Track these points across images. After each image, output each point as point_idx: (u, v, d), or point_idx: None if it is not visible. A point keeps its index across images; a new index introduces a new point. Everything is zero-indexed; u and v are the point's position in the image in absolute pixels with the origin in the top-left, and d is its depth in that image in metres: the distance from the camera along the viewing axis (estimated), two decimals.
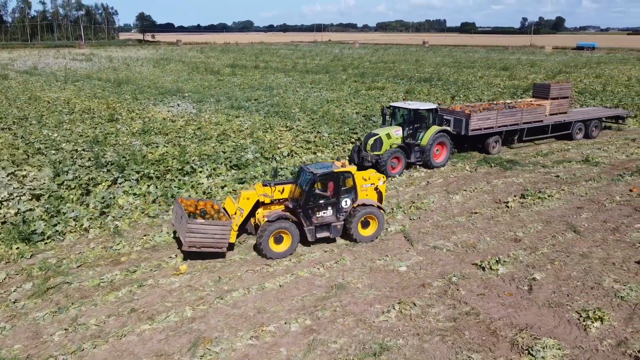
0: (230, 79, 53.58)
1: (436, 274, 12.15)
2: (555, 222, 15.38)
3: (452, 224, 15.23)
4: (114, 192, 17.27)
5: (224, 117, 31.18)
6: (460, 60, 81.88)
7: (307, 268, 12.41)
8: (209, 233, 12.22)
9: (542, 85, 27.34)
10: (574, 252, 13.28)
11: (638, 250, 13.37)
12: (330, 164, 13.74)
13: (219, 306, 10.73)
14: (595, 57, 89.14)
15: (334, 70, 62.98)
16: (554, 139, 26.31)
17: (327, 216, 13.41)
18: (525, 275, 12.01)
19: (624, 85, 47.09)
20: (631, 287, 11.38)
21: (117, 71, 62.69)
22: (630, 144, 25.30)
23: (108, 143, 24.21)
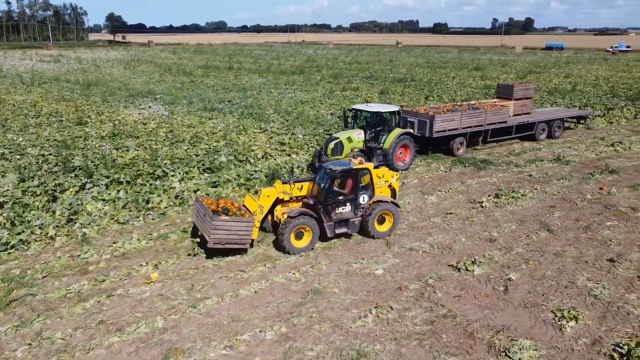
0: (203, 80, 52.90)
1: (412, 277, 12.06)
2: (529, 221, 15.50)
3: (427, 225, 15.20)
4: (82, 198, 16.72)
5: (197, 119, 30.68)
6: (433, 61, 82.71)
7: (282, 273, 12.18)
8: (234, 230, 12.43)
9: (506, 86, 27.36)
10: (548, 251, 13.37)
11: (609, 248, 13.55)
12: (349, 161, 14.02)
13: (191, 315, 10.41)
14: (564, 57, 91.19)
15: (309, 71, 62.83)
16: (518, 139, 26.46)
17: (346, 212, 13.71)
18: (500, 276, 12.02)
19: (592, 84, 48.19)
20: (604, 286, 11.49)
21: (86, 73, 61.27)
22: (599, 142, 25.79)
23: (76, 147, 23.52)
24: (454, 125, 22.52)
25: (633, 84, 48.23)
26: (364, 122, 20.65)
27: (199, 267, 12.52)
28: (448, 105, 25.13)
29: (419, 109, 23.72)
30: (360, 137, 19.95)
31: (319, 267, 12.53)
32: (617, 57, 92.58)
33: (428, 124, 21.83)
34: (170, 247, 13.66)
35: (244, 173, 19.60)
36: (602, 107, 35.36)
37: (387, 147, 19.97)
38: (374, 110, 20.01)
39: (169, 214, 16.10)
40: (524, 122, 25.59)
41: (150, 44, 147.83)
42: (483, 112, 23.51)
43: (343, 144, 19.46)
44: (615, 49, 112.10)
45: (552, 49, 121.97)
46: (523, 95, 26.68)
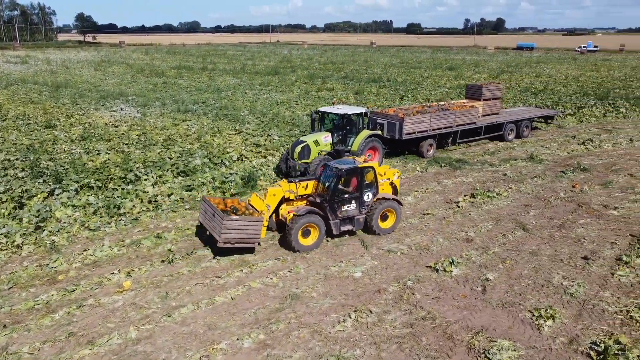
0: (176, 82, 52.14)
1: (391, 279, 11.99)
2: (505, 220, 15.61)
3: (405, 226, 15.16)
4: (50, 204, 16.19)
5: (170, 121, 30.16)
6: (408, 61, 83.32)
7: (259, 278, 11.96)
8: (243, 229, 12.46)
9: (475, 87, 27.22)
10: (524, 250, 13.47)
11: (583, 246, 13.72)
12: (353, 160, 14.30)
13: (166, 324, 10.12)
14: (534, 57, 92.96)
15: (284, 72, 62.56)
16: (487, 140, 26.39)
17: (351, 210, 13.92)
18: (478, 276, 12.05)
19: (562, 84, 49.17)
20: (579, 283, 11.61)
21: (55, 74, 59.73)
22: (571, 140, 26.25)
23: (44, 151, 22.83)
24: (424, 126, 22.40)
25: (601, 83, 49.41)
26: (331, 124, 20.12)
27: (174, 274, 12.21)
28: (417, 107, 24.93)
29: (389, 111, 23.43)
30: (328, 140, 19.56)
31: (297, 271, 12.36)
32: (585, 57, 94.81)
33: (397, 125, 21.63)
34: (144, 254, 13.30)
35: (219, 176, 19.28)
36: (573, 105, 36.07)
37: (355, 150, 19.57)
38: (341, 113, 19.53)
39: (142, 219, 15.69)
40: (493, 123, 25.56)
41: (122, 44, 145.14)
42: (452, 113, 23.41)
43: (310, 147, 19.03)
44: (583, 49, 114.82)
45: (523, 49, 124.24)
46: (492, 96, 26.62)
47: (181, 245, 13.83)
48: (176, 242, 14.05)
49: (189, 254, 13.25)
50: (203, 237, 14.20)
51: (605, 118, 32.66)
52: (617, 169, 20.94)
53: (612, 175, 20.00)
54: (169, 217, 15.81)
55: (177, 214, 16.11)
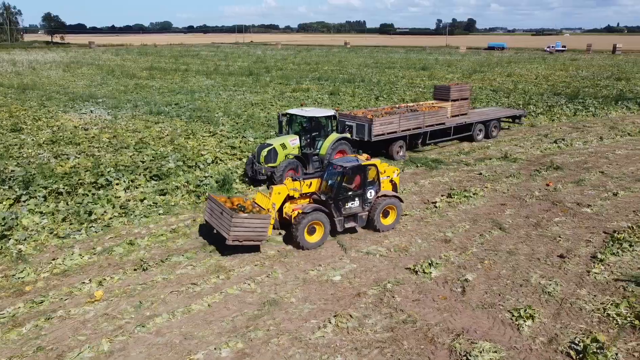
0: (148, 83, 51.21)
1: (371, 282, 11.86)
2: (482, 220, 15.68)
3: None
4: (17, 211, 15.57)
5: (142, 123, 29.53)
6: (382, 61, 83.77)
7: (237, 284, 11.68)
8: (251, 227, 12.60)
9: (443, 87, 27.10)
10: (502, 250, 13.53)
11: (559, 244, 13.86)
12: (355, 158, 14.62)
13: (140, 335, 9.76)
14: (505, 57, 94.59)
15: (258, 72, 62.12)
16: (457, 140, 26.30)
17: (355, 207, 14.18)
18: (457, 277, 12.02)
19: (533, 83, 50.05)
20: (556, 282, 11.70)
21: (21, 76, 58.00)
22: (543, 139, 26.66)
23: (10, 156, 22.04)
24: (393, 128, 22.26)
25: (570, 82, 50.51)
26: (299, 127, 19.62)
27: (147, 282, 11.83)
28: (386, 108, 24.77)
29: (357, 112, 23.15)
30: (295, 143, 19.01)
31: (275, 276, 12.13)
32: (554, 57, 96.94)
33: (366, 127, 21.41)
34: (116, 262, 12.87)
35: (193, 179, 18.90)
36: (544, 105, 36.70)
37: (323, 153, 19.05)
38: (309, 115, 18.87)
39: (113, 225, 15.21)
40: (462, 123, 25.61)
41: (92, 45, 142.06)
42: (421, 114, 23.32)
43: (277, 150, 18.45)
44: (552, 49, 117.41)
45: (494, 49, 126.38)
46: (459, 96, 26.61)
47: (155, 252, 13.44)
48: (150, 248, 13.65)
49: (163, 260, 12.87)
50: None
51: (575, 117, 33.32)
52: (588, 167, 21.32)
53: (584, 173, 20.35)
54: (142, 223, 15.38)
55: (150, 219, 15.68)
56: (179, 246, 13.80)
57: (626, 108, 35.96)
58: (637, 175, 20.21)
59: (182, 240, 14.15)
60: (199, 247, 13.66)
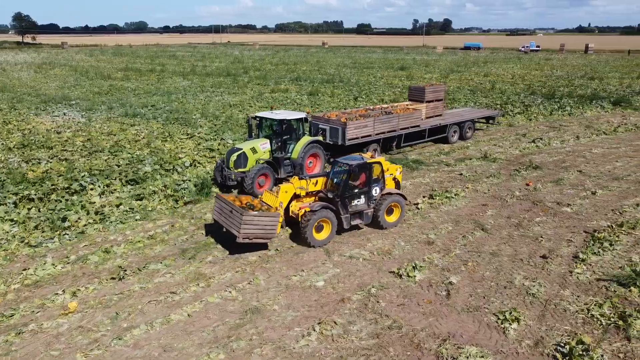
0: (123, 84, 50.23)
1: (355, 286, 11.67)
2: (464, 221, 15.63)
3: (365, 230, 14.89)
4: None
5: (118, 126, 28.86)
6: (360, 61, 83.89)
7: (217, 292, 11.36)
8: (261, 224, 12.80)
9: (417, 89, 26.64)
10: (485, 251, 13.48)
11: (541, 245, 13.88)
12: (360, 156, 14.89)
13: (117, 348, 9.38)
14: (481, 57, 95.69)
15: (236, 73, 61.51)
16: (431, 142, 25.92)
17: (361, 204, 14.37)
18: (442, 280, 11.90)
19: (510, 83, 50.63)
20: (540, 283, 11.67)
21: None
22: (522, 139, 26.88)
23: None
24: (367, 131, 21.70)
25: (546, 82, 51.25)
26: (269, 130, 19.03)
27: (124, 291, 11.42)
28: (360, 110, 24.22)
29: (331, 115, 22.33)
30: (266, 147, 18.40)
31: (257, 282, 11.84)
32: (529, 56, 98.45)
33: (340, 131, 20.77)
34: (91, 271, 12.41)
35: (171, 183, 18.46)
36: (521, 104, 37.09)
37: (295, 157, 18.56)
38: (280, 118, 18.20)
39: (88, 232, 14.71)
40: (437, 125, 25.23)
41: (65, 45, 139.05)
42: (396, 116, 22.85)
43: (247, 155, 17.83)
44: (526, 49, 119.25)
45: (470, 49, 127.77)
46: (434, 97, 26.30)
47: (132, 260, 13.01)
48: (126, 256, 13.22)
49: (141, 269, 12.46)
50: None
51: (552, 116, 33.73)
52: (567, 166, 21.53)
53: (563, 173, 20.52)
54: (117, 230, 14.91)
55: (126, 225, 15.22)
56: (156, 253, 13.40)
57: (600, 107, 36.58)
58: (614, 173, 20.47)
59: (160, 247, 13.75)
60: (177, 254, 13.28)
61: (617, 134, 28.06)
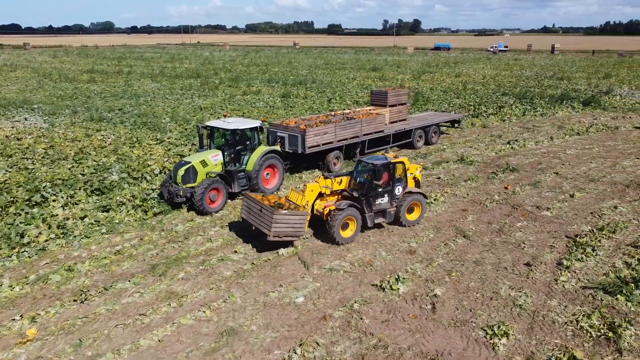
0: (89, 87, 48.54)
1: (336, 302, 11.11)
2: (445, 227, 15.27)
3: None
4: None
5: (83, 131, 27.62)
6: (332, 62, 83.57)
7: (190, 313, 10.64)
8: (291, 223, 13.14)
9: (380, 93, 25.67)
10: (468, 260, 13.11)
11: (524, 252, 13.60)
12: (384, 156, 15.02)
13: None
14: (452, 57, 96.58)
15: (206, 75, 60.29)
16: (397, 147, 25.03)
17: (384, 203, 14.68)
18: (426, 292, 11.46)
19: (481, 83, 50.98)
20: (526, 293, 11.34)
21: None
22: (497, 140, 26.83)
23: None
24: (329, 138, 20.64)
25: (517, 82, 51.81)
26: (221, 141, 17.71)
27: (89, 314, 10.59)
28: (321, 116, 23.04)
29: (289, 122, 21.34)
30: (218, 159, 17.05)
31: (233, 300, 11.16)
32: (498, 57, 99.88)
33: (300, 138, 19.70)
34: (52, 292, 11.51)
35: (139, 193, 17.58)
36: (494, 105, 37.23)
37: (250, 169, 17.41)
38: (232, 128, 16.91)
39: (50, 248, 13.76)
40: (402, 130, 24.43)
41: (27, 46, 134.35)
42: (358, 122, 21.84)
43: (196, 168, 16.40)
44: (495, 49, 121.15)
45: (440, 49, 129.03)
46: (397, 102, 25.43)
47: (97, 278, 12.16)
48: (91, 274, 12.36)
49: (107, 288, 11.63)
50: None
51: (524, 117, 33.93)
52: (543, 168, 21.48)
53: (540, 175, 20.44)
54: (82, 245, 14.00)
55: (91, 239, 14.32)
56: (124, 270, 12.58)
57: (571, 107, 37.02)
58: (590, 175, 20.50)
59: (128, 262, 12.92)
60: (147, 271, 12.49)
61: (589, 135, 28.32)
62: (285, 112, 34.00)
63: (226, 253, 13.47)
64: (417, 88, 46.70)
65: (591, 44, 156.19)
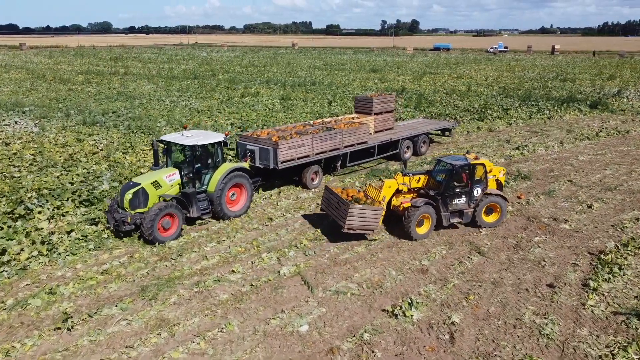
0: (83, 88, 47.42)
1: (344, 331, 10.07)
2: (458, 242, 14.24)
3: (351, 257, 13.34)
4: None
5: (74, 135, 26.54)
6: (331, 63, 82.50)
7: (182, 344, 9.59)
8: (366, 216, 13.71)
9: (364, 99, 23.27)
10: (485, 280, 12.09)
11: (545, 270, 12.58)
12: (464, 157, 15.03)
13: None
14: (452, 58, 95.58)
15: (203, 76, 59.18)
16: (384, 159, 22.98)
17: (461, 203, 14.68)
18: (442, 319, 10.43)
19: (484, 85, 49.96)
20: (552, 320, 10.32)
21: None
22: (505, 145, 25.81)
23: None
24: (305, 151, 18.46)
25: (520, 84, 50.80)
26: (180, 157, 15.58)
27: (70, 347, 9.53)
28: (298, 126, 20.83)
29: (261, 133, 19.04)
30: (174, 179, 14.85)
31: (230, 329, 10.11)
32: (498, 57, 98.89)
33: (272, 152, 17.55)
34: (31, 320, 10.45)
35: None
36: (499, 108, 36.22)
37: (212, 190, 15.32)
38: (190, 143, 14.71)
39: (32, 267, 12.70)
40: (388, 141, 22.11)
41: (23, 46, 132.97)
42: (339, 132, 19.55)
43: (147, 191, 14.17)
44: (495, 50, 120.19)
45: (439, 50, 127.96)
46: (383, 109, 23.14)
47: (82, 303, 11.11)
48: (75, 298, 11.31)
49: (92, 314, 10.57)
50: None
51: (531, 120, 32.92)
52: (556, 175, 20.47)
53: (553, 183, 19.44)
54: (67, 263, 12.94)
55: (77, 257, 13.26)
56: (111, 293, 11.53)
57: (578, 110, 36.03)
58: (606, 183, 19.50)
59: (115, 284, 11.87)
60: (136, 294, 11.44)
61: (599, 139, 27.32)
62: (285, 115, 32.94)
63: (223, 273, 12.43)
64: (419, 90, 45.67)
65: (590, 44, 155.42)
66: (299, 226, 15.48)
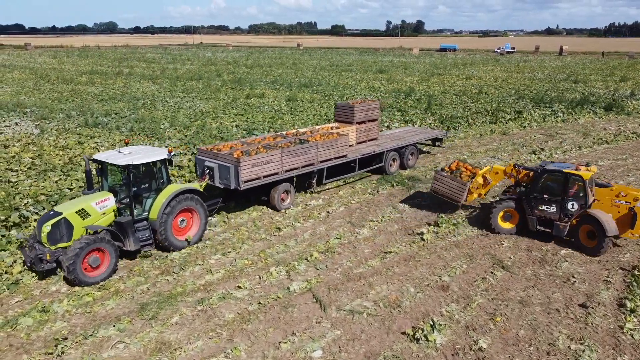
0: (87, 89, 46.74)
1: (361, 357, 9.20)
2: (479, 255, 13.34)
3: (366, 272, 12.46)
4: None
5: (75, 138, 25.78)
6: (337, 63, 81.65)
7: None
8: (449, 186, 15.54)
9: (345, 107, 20.92)
10: (512, 299, 11.19)
11: (575, 287, 11.67)
12: (573, 165, 14.00)
13: None
14: (459, 59, 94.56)
15: (208, 76, 58.43)
16: (369, 173, 20.73)
17: (550, 212, 13.81)
18: (469, 344, 9.54)
19: (495, 86, 48.96)
20: (589, 347, 9.41)
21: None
22: (520, 150, 24.86)
23: None
24: (273, 168, 16.03)
25: (531, 85, 49.78)
26: (116, 179, 13.22)
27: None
28: (268, 137, 18.42)
29: (222, 148, 16.65)
30: (108, 206, 12.48)
31: (236, 354, 9.25)
32: (506, 58, 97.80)
33: (233, 170, 15.14)
34: (20, 342, 9.62)
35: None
36: (512, 110, 35.23)
37: (154, 218, 12.92)
38: (124, 163, 12.24)
39: (24, 281, 11.89)
40: (371, 153, 19.72)
41: (28, 46, 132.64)
42: (314, 145, 17.22)
43: (70, 222, 11.79)
44: (502, 50, 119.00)
45: (446, 50, 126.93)
46: (366, 117, 20.85)
47: (76, 322, 10.28)
48: (69, 316, 10.48)
49: (87, 336, 9.74)
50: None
51: (545, 123, 31.93)
52: None
53: None
54: (62, 276, 12.10)
55: None
56: (108, 311, 10.70)
57: (593, 113, 35.00)
58: None
59: (113, 301, 11.04)
60: (135, 312, 10.60)
61: (618, 143, 26.34)
62: (292, 117, 32.09)
63: (228, 289, 11.58)
64: (428, 91, 44.73)
65: (598, 45, 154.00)
66: (309, 237, 14.62)
